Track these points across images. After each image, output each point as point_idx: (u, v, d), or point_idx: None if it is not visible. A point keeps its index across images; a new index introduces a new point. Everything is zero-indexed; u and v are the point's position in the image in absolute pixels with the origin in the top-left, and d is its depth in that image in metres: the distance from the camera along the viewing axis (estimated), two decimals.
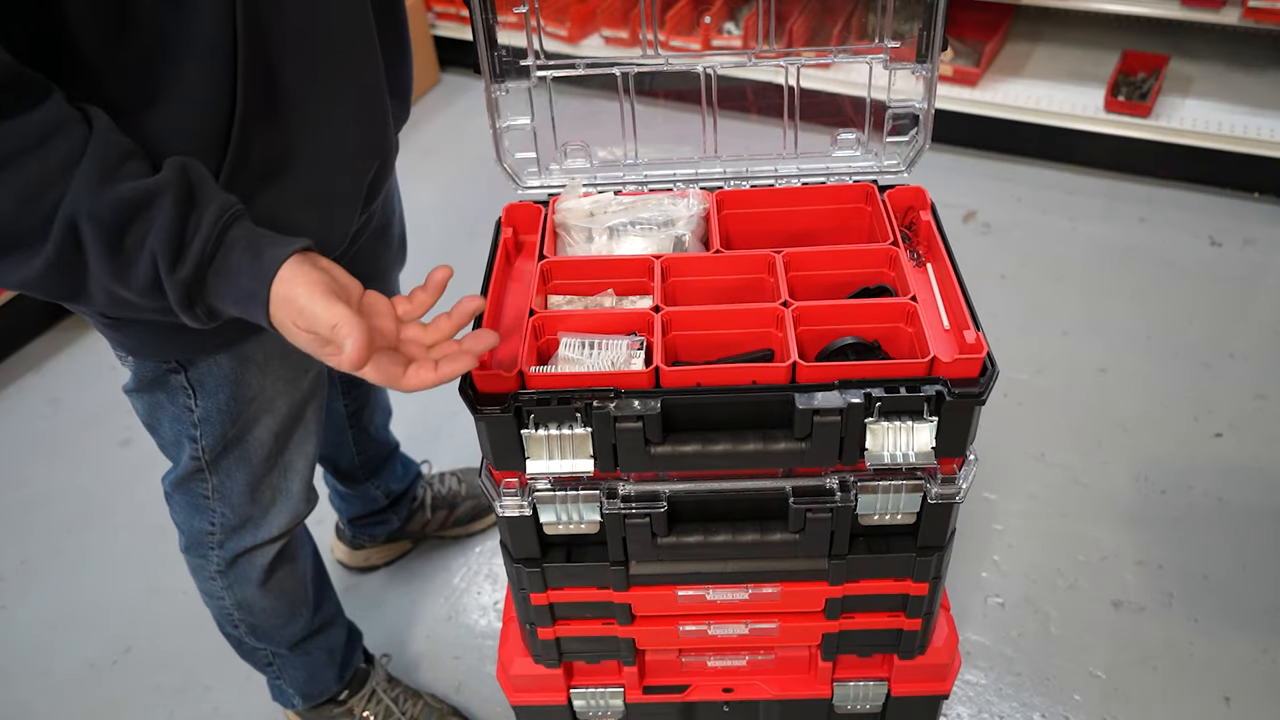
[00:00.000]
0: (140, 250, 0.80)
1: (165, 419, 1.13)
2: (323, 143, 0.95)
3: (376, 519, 1.80)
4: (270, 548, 1.28)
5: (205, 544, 1.26)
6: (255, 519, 1.23)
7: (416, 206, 1.46)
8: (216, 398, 1.08)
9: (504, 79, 1.13)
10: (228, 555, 1.26)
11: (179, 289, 0.81)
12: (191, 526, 1.25)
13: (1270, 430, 2.03)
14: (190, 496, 1.21)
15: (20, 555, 1.98)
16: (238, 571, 1.28)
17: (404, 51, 1.11)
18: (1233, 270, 2.47)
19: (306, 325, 0.80)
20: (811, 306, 1.01)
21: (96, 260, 0.79)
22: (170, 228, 0.80)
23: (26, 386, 2.39)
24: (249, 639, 1.39)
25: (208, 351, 1.04)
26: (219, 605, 1.35)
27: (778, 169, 1.21)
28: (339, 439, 1.62)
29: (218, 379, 1.07)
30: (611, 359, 0.98)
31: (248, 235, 0.83)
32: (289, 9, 0.87)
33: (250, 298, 0.82)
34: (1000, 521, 1.89)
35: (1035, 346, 2.26)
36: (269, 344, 1.06)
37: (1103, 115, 2.71)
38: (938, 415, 0.94)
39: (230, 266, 0.82)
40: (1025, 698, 1.61)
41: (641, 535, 1.03)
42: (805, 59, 1.13)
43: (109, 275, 0.80)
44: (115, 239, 0.79)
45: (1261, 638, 1.67)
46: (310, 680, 1.48)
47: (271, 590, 1.32)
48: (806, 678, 1.24)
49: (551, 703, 1.25)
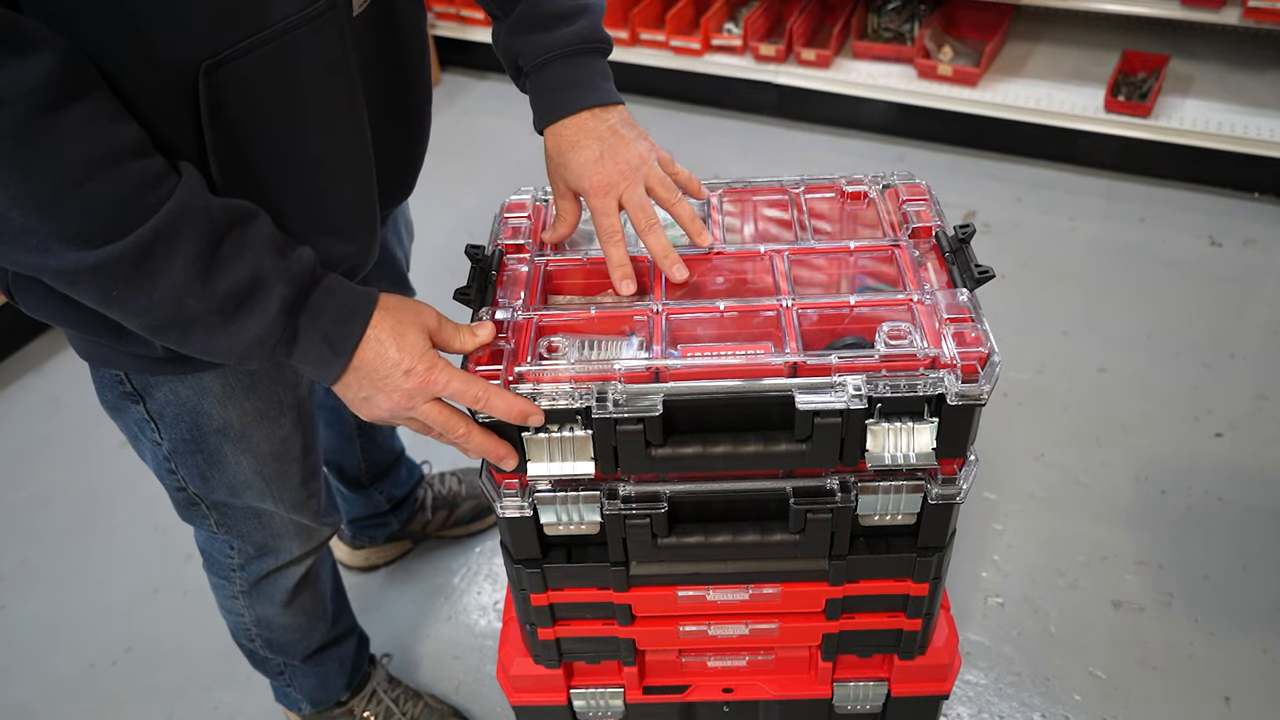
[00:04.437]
0: (239, 256, 0.80)
1: (145, 452, 1.12)
2: (300, 212, 0.92)
3: (377, 521, 1.80)
4: (294, 569, 1.27)
5: (227, 566, 1.25)
6: (270, 545, 1.21)
7: (416, 206, 1.46)
8: (178, 429, 1.05)
9: None
10: (250, 577, 1.25)
11: (292, 286, 0.83)
12: (211, 549, 1.24)
13: (1270, 430, 2.03)
14: (199, 527, 1.20)
15: (20, 555, 1.99)
16: (260, 593, 1.28)
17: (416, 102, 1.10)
18: (1233, 270, 2.47)
19: (437, 324, 0.92)
20: (812, 305, 1.01)
21: (189, 257, 0.78)
22: (277, 238, 0.83)
23: (26, 386, 2.39)
24: (263, 651, 1.39)
25: (154, 371, 1.00)
26: (238, 620, 1.34)
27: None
28: (346, 446, 1.62)
29: (176, 410, 1.03)
30: (611, 359, 0.98)
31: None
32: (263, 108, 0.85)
33: (352, 312, 0.87)
34: (1000, 521, 1.89)
35: (1035, 346, 2.26)
36: (229, 376, 1.02)
37: (1103, 115, 2.71)
38: (938, 416, 0.94)
39: (335, 283, 0.88)
40: (1025, 698, 1.61)
41: (642, 536, 1.03)
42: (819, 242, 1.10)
43: (196, 274, 0.78)
44: (218, 239, 0.79)
45: (1261, 638, 1.67)
46: (320, 689, 1.48)
47: (294, 610, 1.32)
48: (806, 678, 1.24)
49: (551, 703, 1.25)
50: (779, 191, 1.20)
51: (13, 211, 0.71)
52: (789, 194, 1.20)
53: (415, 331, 0.90)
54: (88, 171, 0.72)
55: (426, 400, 0.90)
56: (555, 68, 1.05)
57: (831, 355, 0.94)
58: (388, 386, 0.89)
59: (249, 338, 0.82)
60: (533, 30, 1.04)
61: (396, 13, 1.00)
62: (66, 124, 0.71)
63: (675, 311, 1.02)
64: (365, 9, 0.92)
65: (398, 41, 1.01)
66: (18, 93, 0.68)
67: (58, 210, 0.72)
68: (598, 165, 1.03)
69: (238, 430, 1.06)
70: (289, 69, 0.83)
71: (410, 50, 1.05)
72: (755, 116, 3.17)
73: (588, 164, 1.03)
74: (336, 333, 0.86)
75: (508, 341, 0.98)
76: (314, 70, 0.86)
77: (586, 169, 1.03)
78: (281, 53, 0.82)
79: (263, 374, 1.04)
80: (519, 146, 3.18)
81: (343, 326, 0.87)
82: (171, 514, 2.04)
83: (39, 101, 0.69)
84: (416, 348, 0.89)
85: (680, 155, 1.12)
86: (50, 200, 0.71)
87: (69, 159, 0.71)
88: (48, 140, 0.70)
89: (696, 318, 1.03)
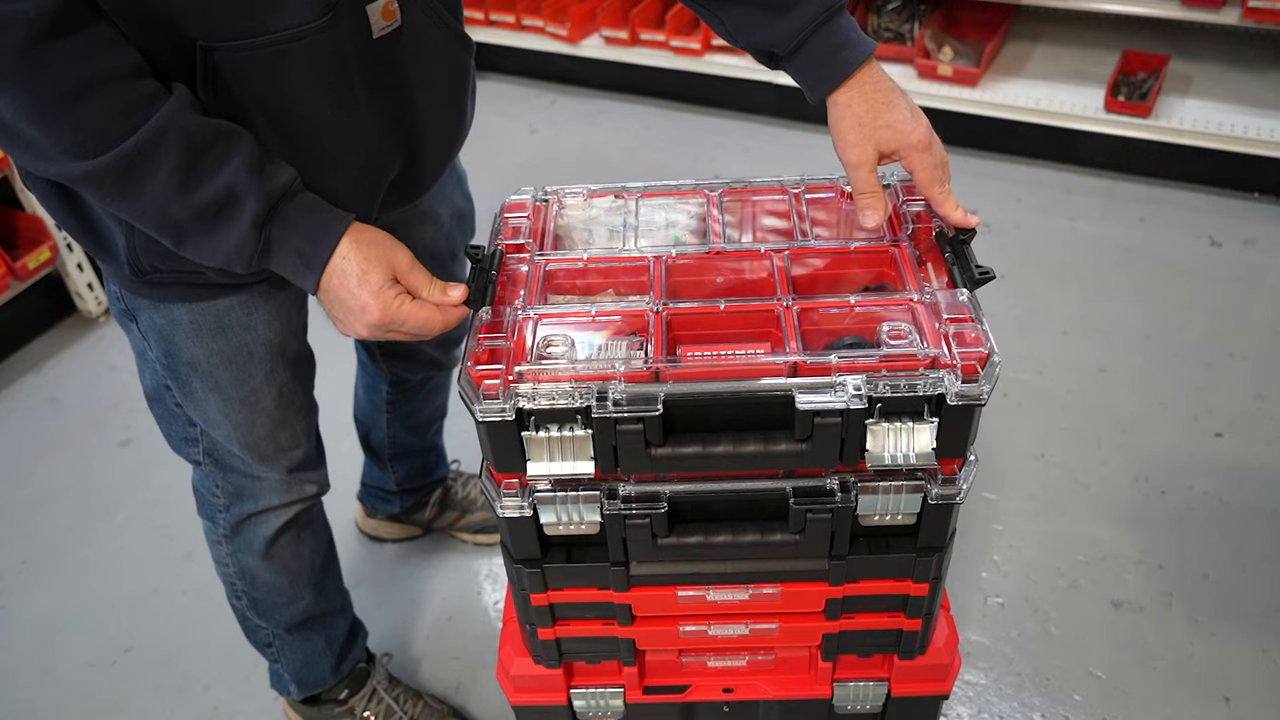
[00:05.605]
0: (217, 171, 0.88)
1: (145, 369, 1.21)
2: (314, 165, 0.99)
3: (382, 495, 1.85)
4: (273, 518, 1.32)
5: (214, 506, 1.32)
6: (248, 489, 1.28)
7: None
8: (158, 352, 1.14)
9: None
10: (232, 519, 1.31)
11: (263, 201, 0.89)
12: (201, 485, 1.32)
13: (1270, 430, 2.03)
14: (189, 458, 1.27)
15: (21, 555, 1.99)
16: (242, 538, 1.33)
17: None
18: (1233, 270, 2.47)
19: (408, 268, 0.96)
20: (812, 305, 1.01)
21: (168, 169, 0.86)
22: (255, 156, 0.90)
23: (26, 386, 2.39)
24: (250, 614, 1.43)
25: (135, 293, 1.09)
26: (225, 572, 1.40)
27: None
28: (375, 415, 1.69)
29: (155, 335, 1.13)
30: (611, 359, 0.98)
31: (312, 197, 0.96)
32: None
33: (324, 230, 0.94)
34: (1000, 521, 1.89)
35: (1035, 346, 2.26)
36: (195, 314, 1.09)
37: (1103, 115, 2.71)
38: (938, 416, 0.94)
39: (309, 201, 0.94)
40: (1025, 698, 1.61)
41: (642, 536, 1.03)
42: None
43: (175, 185, 0.87)
44: (196, 154, 0.87)
45: (1261, 638, 1.67)
46: (305, 667, 1.50)
47: (274, 562, 1.36)
48: (806, 678, 1.24)
49: (551, 703, 1.25)
50: (779, 191, 1.20)
51: (20, 123, 0.82)
52: (788, 194, 1.20)
53: (379, 270, 0.95)
54: (84, 89, 0.82)
55: (388, 331, 0.97)
56: (817, 38, 1.05)
57: (831, 355, 0.94)
58: (349, 316, 0.97)
59: (229, 245, 0.91)
60: (779, 12, 1.04)
61: (423, 38, 1.03)
62: (65, 48, 0.80)
63: (675, 311, 1.02)
64: (388, 33, 0.98)
65: (422, 65, 1.05)
66: (22, 19, 0.77)
67: (57, 123, 0.82)
68: (917, 118, 1.04)
69: (205, 368, 1.14)
70: (278, 75, 0.91)
71: (435, 74, 1.07)
72: (755, 116, 3.17)
73: (907, 120, 1.04)
74: (308, 248, 0.94)
75: (507, 341, 0.98)
76: (303, 80, 0.93)
77: (907, 125, 1.03)
78: (273, 60, 0.90)
79: (232, 321, 1.11)
80: (519, 146, 3.18)
81: (313, 243, 0.94)
82: (172, 514, 2.03)
83: (40, 28, 0.78)
84: (374, 285, 0.95)
85: (680, 155, 1.12)
86: (51, 114, 0.82)
87: (67, 78, 0.81)
88: (49, 60, 0.80)
89: (696, 317, 1.03)
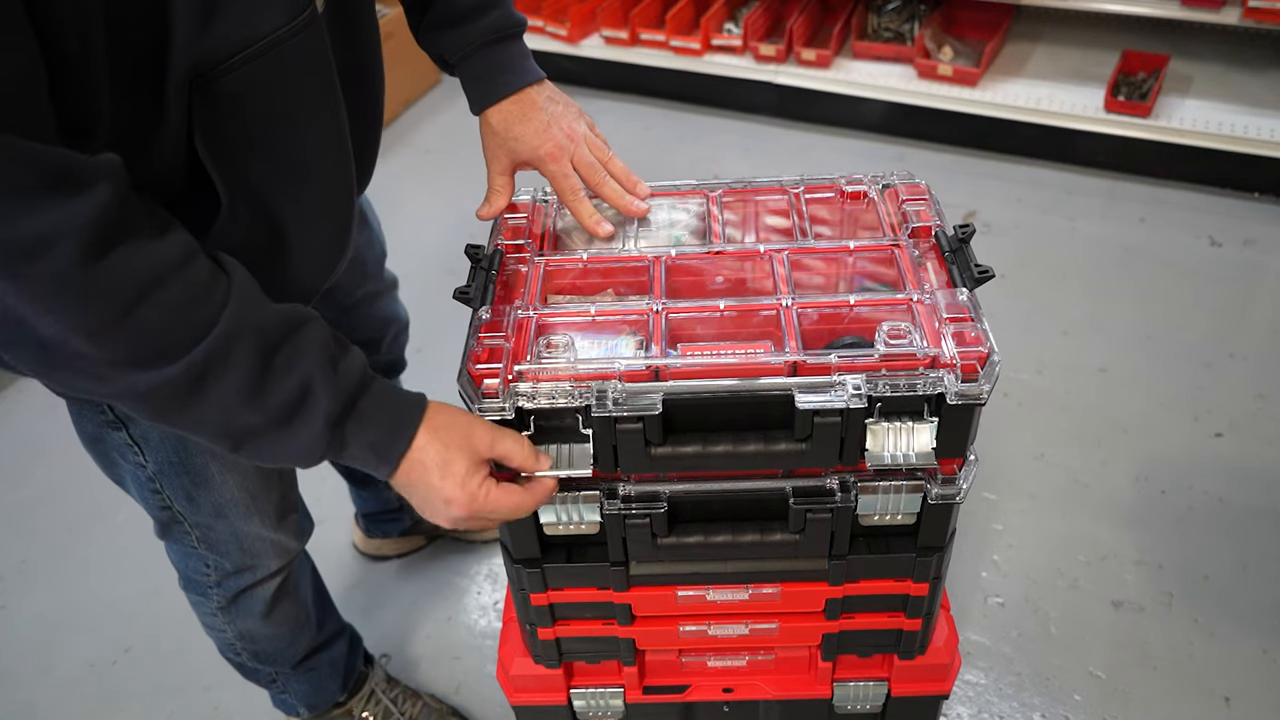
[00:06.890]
0: (289, 369, 0.80)
1: (126, 476, 1.11)
2: (295, 206, 0.92)
3: (389, 517, 1.83)
4: (270, 583, 1.27)
5: (203, 584, 1.25)
6: (248, 563, 1.22)
7: (416, 206, 1.46)
8: (164, 452, 1.05)
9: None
10: (227, 593, 1.25)
11: (338, 399, 0.82)
12: (187, 568, 1.25)
13: (1270, 430, 2.03)
14: (178, 544, 1.20)
15: (21, 555, 1.98)
16: (239, 608, 1.27)
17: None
18: (1233, 270, 2.47)
19: (489, 447, 0.90)
20: (812, 305, 1.01)
21: (240, 375, 0.78)
22: (328, 344, 0.83)
23: (26, 386, 2.38)
24: (251, 663, 1.39)
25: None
26: (221, 637, 1.34)
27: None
28: None
29: (161, 434, 1.03)
30: (611, 359, 0.98)
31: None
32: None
33: (399, 423, 0.87)
34: (1000, 521, 1.89)
35: (1035, 346, 2.26)
36: None
37: (1103, 115, 2.71)
38: (938, 416, 0.94)
39: (383, 390, 0.87)
40: (1025, 698, 1.61)
41: (641, 536, 1.03)
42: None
43: (247, 392, 0.78)
44: (270, 354, 0.79)
45: (1261, 638, 1.66)
46: (314, 692, 1.48)
47: (274, 620, 1.32)
48: (806, 678, 1.24)
49: (551, 703, 1.25)
50: (779, 191, 1.20)
51: (67, 337, 0.72)
52: (789, 194, 1.20)
53: (461, 458, 0.89)
54: (138, 296, 0.73)
55: (476, 521, 0.92)
56: (480, 56, 1.12)
57: (831, 355, 0.94)
58: (431, 509, 0.91)
59: (299, 446, 0.83)
60: (452, 25, 1.12)
61: (355, 8, 1.00)
62: (119, 253, 0.72)
63: (675, 310, 1.02)
64: (326, 9, 0.91)
65: (357, 34, 1.02)
66: (74, 227, 0.69)
67: (110, 337, 0.73)
68: (548, 133, 1.12)
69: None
70: (278, 78, 0.84)
71: (368, 40, 1.05)
72: (755, 116, 3.17)
73: (538, 133, 1.12)
74: (383, 441, 0.87)
75: (507, 340, 0.98)
76: (301, 76, 0.87)
77: (538, 138, 1.12)
78: (272, 64, 0.82)
79: None
80: None
81: (389, 435, 0.87)
82: None
83: (95, 235, 0.70)
84: (458, 475, 0.89)
85: (680, 155, 1.13)
86: (104, 327, 0.72)
87: (122, 286, 0.72)
88: (103, 270, 0.71)
89: (696, 317, 1.03)
